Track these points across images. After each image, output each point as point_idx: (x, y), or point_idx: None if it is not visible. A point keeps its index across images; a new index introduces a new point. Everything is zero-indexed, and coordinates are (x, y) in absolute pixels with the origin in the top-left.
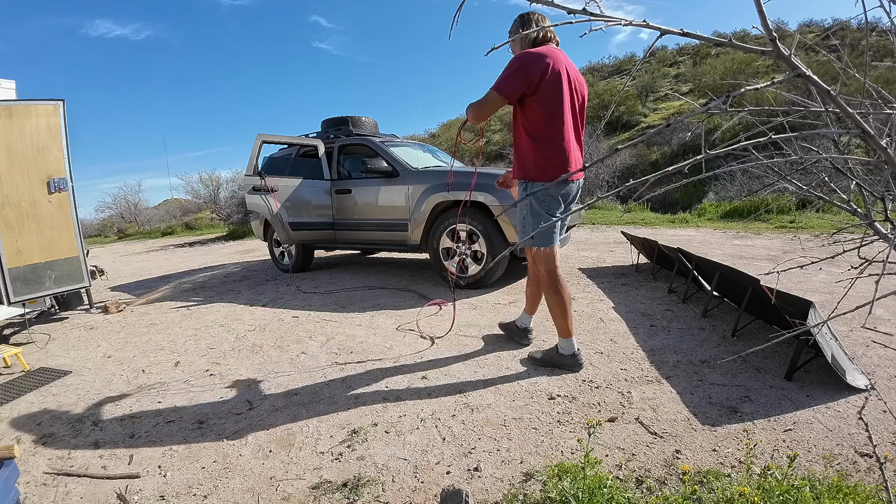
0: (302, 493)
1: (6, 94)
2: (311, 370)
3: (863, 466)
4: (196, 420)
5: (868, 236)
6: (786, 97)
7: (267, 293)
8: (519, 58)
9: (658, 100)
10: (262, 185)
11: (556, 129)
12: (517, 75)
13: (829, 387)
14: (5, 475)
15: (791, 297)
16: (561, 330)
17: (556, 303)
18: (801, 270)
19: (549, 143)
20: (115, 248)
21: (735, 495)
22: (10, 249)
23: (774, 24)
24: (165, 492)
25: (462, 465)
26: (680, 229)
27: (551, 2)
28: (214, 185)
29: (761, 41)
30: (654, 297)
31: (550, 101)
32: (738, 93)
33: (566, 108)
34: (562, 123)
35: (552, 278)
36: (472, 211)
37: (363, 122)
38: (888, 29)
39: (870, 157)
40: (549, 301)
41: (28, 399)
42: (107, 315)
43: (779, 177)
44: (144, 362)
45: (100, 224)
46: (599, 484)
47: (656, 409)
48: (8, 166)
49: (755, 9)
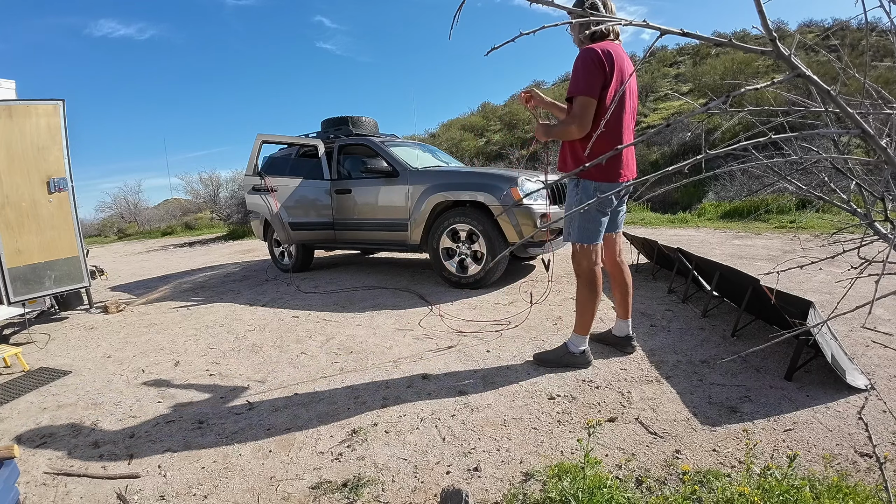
0: (302, 493)
1: (6, 94)
2: (311, 370)
3: (863, 466)
4: (196, 420)
5: (868, 236)
6: (786, 97)
7: (267, 293)
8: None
9: (658, 100)
10: (262, 185)
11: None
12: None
13: (829, 387)
14: (5, 475)
15: (791, 297)
16: (584, 326)
17: (591, 299)
18: (801, 270)
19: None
20: (114, 248)
21: (735, 495)
22: (10, 249)
23: (774, 24)
24: (165, 492)
25: (462, 465)
26: (680, 229)
27: (551, 2)
28: (214, 185)
29: (761, 41)
30: (654, 296)
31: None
32: (738, 93)
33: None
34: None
35: (593, 275)
36: (472, 211)
37: (363, 122)
38: (888, 29)
39: (870, 157)
40: (584, 296)
41: (28, 399)
42: (107, 315)
43: (779, 177)
44: (144, 362)
45: (100, 224)
46: (599, 484)
47: (656, 409)
48: (8, 166)
49: (755, 9)
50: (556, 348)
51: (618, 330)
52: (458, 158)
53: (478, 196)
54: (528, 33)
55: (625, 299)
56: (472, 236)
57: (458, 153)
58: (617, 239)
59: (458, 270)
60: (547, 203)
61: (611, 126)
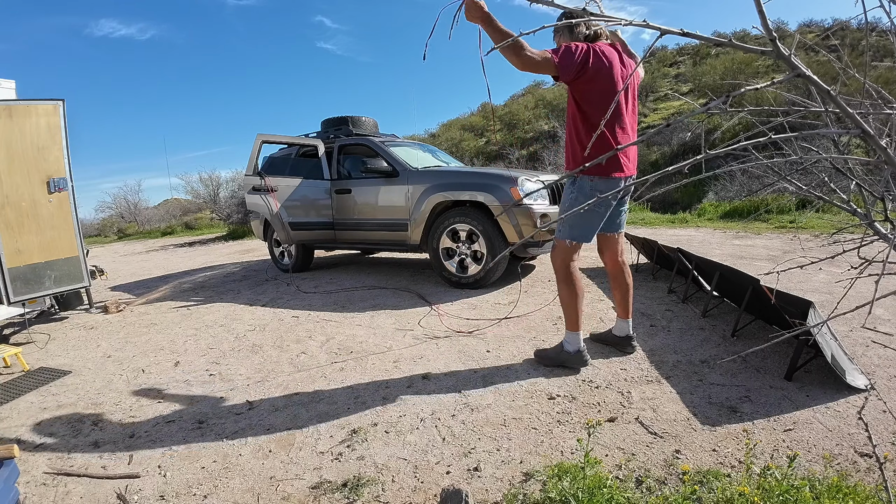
0: (302, 492)
1: (6, 94)
2: (311, 370)
3: (863, 466)
4: (196, 420)
5: (868, 236)
6: (786, 97)
7: (267, 293)
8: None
9: (658, 100)
10: (262, 185)
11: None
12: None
13: (828, 387)
14: (5, 475)
15: (791, 297)
16: (572, 323)
17: (570, 295)
18: (801, 270)
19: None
20: (114, 247)
21: (735, 495)
22: (10, 249)
23: (774, 24)
24: (165, 492)
25: (462, 464)
26: (680, 229)
27: (551, 2)
28: (214, 185)
29: (761, 41)
30: (654, 296)
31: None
32: (738, 93)
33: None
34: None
35: (568, 271)
36: (472, 211)
37: (363, 121)
38: (888, 29)
39: (870, 157)
40: (563, 293)
41: (28, 399)
42: (107, 315)
43: (779, 177)
44: (144, 362)
45: (100, 224)
46: (599, 484)
47: (656, 409)
48: (8, 166)
49: (755, 9)
50: (555, 346)
51: (618, 330)
52: (458, 158)
53: (478, 196)
54: (528, 33)
55: (625, 299)
56: (472, 236)
57: (458, 153)
58: (619, 239)
59: (458, 270)
60: (547, 203)
61: (606, 123)
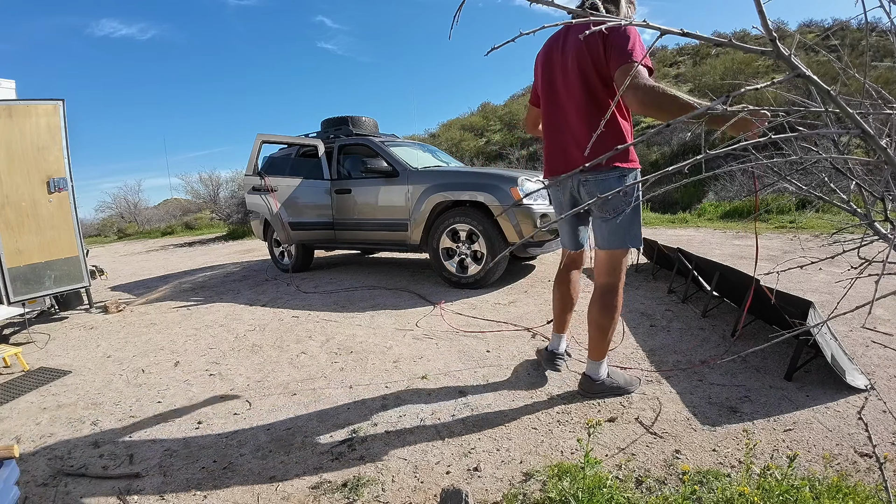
0: (302, 492)
1: (6, 94)
2: (311, 370)
3: (862, 466)
4: (196, 420)
5: (868, 236)
6: (786, 97)
7: (267, 293)
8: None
9: None
10: (262, 185)
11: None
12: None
13: (828, 387)
14: (5, 475)
15: (791, 297)
16: (602, 352)
17: (615, 318)
18: (801, 270)
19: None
20: (114, 247)
21: (735, 495)
22: (10, 249)
23: (774, 24)
24: (165, 492)
25: (462, 464)
26: (680, 229)
27: (551, 2)
28: (214, 184)
29: (761, 41)
30: (654, 297)
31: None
32: (738, 93)
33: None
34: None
35: (621, 290)
36: (472, 211)
37: (363, 121)
38: (888, 29)
39: (870, 157)
40: (609, 316)
41: (28, 399)
42: (106, 315)
43: (779, 177)
44: (144, 362)
45: (100, 224)
46: (599, 484)
47: (656, 409)
48: (8, 166)
49: (755, 9)
50: (598, 383)
51: (552, 345)
52: (458, 158)
53: (478, 196)
54: (528, 33)
55: (565, 314)
56: (472, 236)
57: (458, 153)
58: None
59: (458, 270)
60: (547, 203)
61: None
